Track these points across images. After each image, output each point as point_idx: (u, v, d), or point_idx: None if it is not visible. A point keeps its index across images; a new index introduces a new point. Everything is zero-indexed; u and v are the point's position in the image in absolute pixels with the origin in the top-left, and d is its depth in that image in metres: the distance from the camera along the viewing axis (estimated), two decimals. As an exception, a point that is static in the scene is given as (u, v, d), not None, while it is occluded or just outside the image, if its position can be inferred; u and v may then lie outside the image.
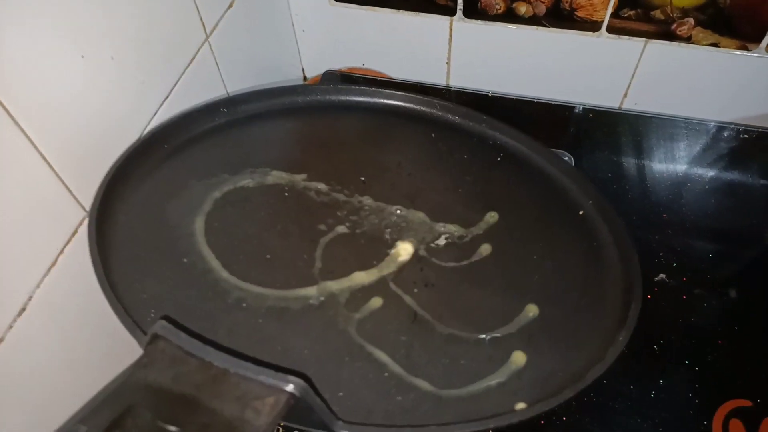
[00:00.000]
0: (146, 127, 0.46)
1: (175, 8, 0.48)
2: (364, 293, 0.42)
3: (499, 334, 0.40)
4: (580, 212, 0.53)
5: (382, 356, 0.37)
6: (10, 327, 0.34)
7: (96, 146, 0.41)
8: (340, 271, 0.43)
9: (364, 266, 0.44)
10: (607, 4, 0.53)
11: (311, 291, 0.41)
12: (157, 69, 0.47)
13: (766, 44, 0.52)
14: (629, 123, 0.66)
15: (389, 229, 0.48)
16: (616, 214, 0.51)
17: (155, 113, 0.47)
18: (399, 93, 0.62)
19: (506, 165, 0.58)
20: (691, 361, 0.50)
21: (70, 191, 0.38)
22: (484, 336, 0.40)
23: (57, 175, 0.37)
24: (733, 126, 0.64)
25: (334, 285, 0.42)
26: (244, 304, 0.39)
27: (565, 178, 0.56)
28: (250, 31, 0.59)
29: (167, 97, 0.48)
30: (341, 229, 0.47)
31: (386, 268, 0.44)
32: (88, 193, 0.41)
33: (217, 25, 0.53)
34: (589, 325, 0.42)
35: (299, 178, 0.51)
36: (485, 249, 0.47)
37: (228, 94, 0.56)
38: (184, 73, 0.50)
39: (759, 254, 0.58)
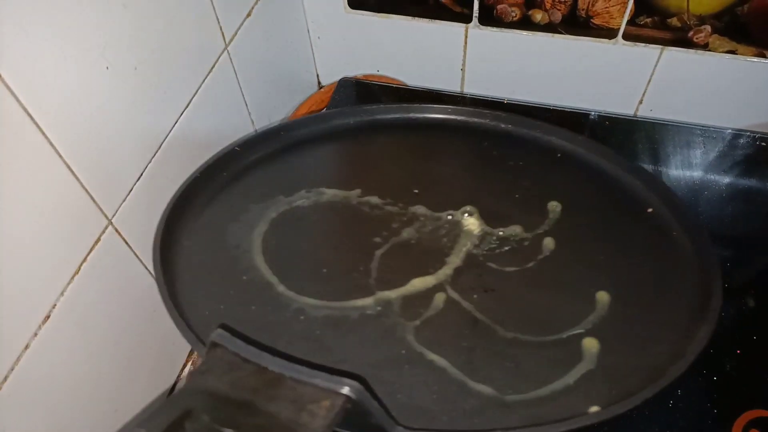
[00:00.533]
0: (167, 135, 0.47)
1: (196, 18, 0.49)
2: (421, 300, 0.41)
3: (565, 335, 0.38)
4: (649, 209, 0.50)
5: (442, 362, 0.36)
6: (35, 334, 0.35)
7: (119, 155, 0.41)
8: (397, 281, 0.43)
9: (421, 274, 0.43)
10: (624, 12, 0.53)
11: (368, 301, 0.41)
12: (178, 78, 0.48)
13: (784, 52, 0.52)
14: (645, 130, 0.64)
15: (445, 238, 0.47)
16: (689, 210, 0.48)
17: (176, 122, 0.47)
18: (447, 107, 0.62)
19: (564, 167, 0.56)
20: (709, 370, 0.47)
21: (93, 199, 0.39)
22: (550, 338, 0.38)
23: (80, 183, 0.38)
24: (749, 133, 0.61)
25: (390, 294, 0.41)
26: (302, 317, 0.39)
27: (629, 176, 0.54)
28: (267, 40, 0.59)
29: (187, 106, 0.49)
30: (396, 240, 0.47)
31: (446, 269, 0.43)
32: (110, 201, 0.41)
33: (236, 33, 0.54)
34: (663, 323, 0.39)
35: (353, 194, 0.52)
36: (548, 244, 0.46)
37: (245, 101, 0.56)
38: (204, 81, 0.50)
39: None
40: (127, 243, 0.44)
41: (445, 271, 0.44)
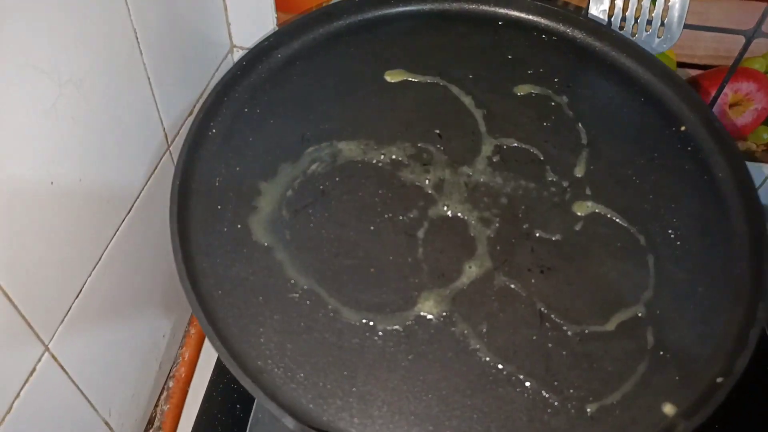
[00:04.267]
0: (108, 245, 0.42)
1: (139, 120, 0.44)
2: (481, 295, 0.40)
3: (627, 317, 0.39)
4: (682, 128, 0.48)
5: (523, 376, 0.37)
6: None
7: (55, 272, 0.36)
8: (450, 271, 0.40)
9: (470, 255, 0.41)
10: None
11: (429, 305, 0.39)
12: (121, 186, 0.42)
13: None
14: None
15: (482, 199, 0.44)
16: (727, 134, 0.46)
17: (117, 229, 0.42)
18: None
19: (587, 70, 0.51)
20: None
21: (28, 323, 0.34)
22: (613, 326, 0.39)
23: (13, 304, 0.33)
24: None
25: (449, 292, 0.40)
26: (368, 340, 0.38)
27: (659, 83, 0.50)
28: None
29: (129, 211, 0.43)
30: (432, 212, 0.43)
31: (494, 242, 0.42)
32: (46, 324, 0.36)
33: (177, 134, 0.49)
34: (715, 285, 0.40)
35: (369, 148, 0.46)
36: (586, 207, 0.44)
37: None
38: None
39: None
40: (65, 372, 0.39)
41: (495, 246, 0.42)
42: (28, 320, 0.34)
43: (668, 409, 0.36)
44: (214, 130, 0.46)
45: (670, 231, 0.43)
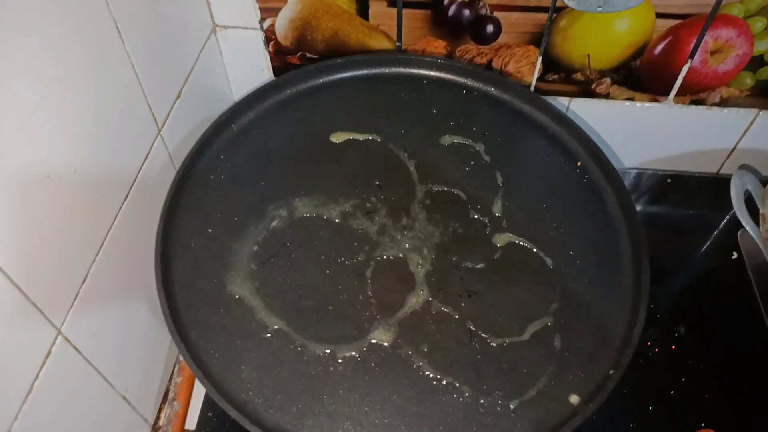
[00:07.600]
0: (108, 232, 0.45)
1: (128, 109, 0.47)
2: (421, 321, 0.48)
3: (538, 327, 0.48)
4: (579, 163, 0.58)
5: (457, 384, 0.45)
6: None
7: (60, 260, 0.39)
8: (395, 303, 0.49)
9: (410, 288, 0.50)
10: (533, 71, 0.61)
11: (380, 333, 0.48)
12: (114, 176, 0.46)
13: (672, 96, 0.60)
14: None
15: (415, 239, 0.52)
16: (609, 160, 0.56)
17: (117, 214, 0.46)
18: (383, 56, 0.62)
19: (501, 122, 0.60)
20: (654, 401, 0.53)
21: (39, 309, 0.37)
22: (528, 336, 0.48)
23: (23, 293, 0.36)
24: (650, 171, 0.68)
25: (395, 321, 0.48)
26: (331, 368, 0.46)
27: (556, 125, 0.59)
28: (198, 119, 0.59)
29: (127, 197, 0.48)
30: (377, 254, 0.52)
31: (429, 276, 0.50)
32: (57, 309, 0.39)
33: (167, 118, 0.53)
34: (610, 292, 0.50)
35: (321, 203, 0.54)
36: (503, 238, 0.53)
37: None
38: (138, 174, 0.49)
39: (695, 282, 0.64)
40: (80, 352, 0.42)
41: (431, 278, 0.50)
42: (39, 307, 0.37)
43: (574, 399, 0.45)
44: (185, 200, 0.53)
45: (571, 252, 0.52)
